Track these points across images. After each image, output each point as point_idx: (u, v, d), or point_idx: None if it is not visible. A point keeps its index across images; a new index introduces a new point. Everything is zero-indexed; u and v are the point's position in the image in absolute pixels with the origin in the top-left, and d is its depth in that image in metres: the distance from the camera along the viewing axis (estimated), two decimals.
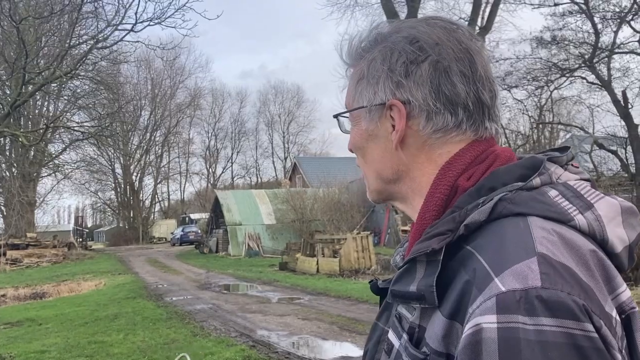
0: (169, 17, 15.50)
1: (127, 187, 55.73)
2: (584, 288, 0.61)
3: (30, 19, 14.32)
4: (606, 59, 18.29)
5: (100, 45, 17.61)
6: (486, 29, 18.36)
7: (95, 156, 43.87)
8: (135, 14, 19.52)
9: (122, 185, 56.06)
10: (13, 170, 32.19)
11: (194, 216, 50.30)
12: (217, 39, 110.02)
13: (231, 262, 24.29)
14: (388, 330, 0.81)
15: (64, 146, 33.09)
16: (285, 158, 65.03)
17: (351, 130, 0.90)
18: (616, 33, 17.78)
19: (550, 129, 27.25)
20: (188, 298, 13.24)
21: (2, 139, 29.72)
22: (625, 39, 18.77)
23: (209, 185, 62.95)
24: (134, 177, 56.02)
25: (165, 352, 7.51)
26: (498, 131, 0.84)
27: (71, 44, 16.91)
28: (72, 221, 64.49)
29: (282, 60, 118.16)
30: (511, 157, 0.81)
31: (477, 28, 17.66)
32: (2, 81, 20.89)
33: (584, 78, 19.19)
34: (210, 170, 65.65)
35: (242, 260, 24.70)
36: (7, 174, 32.10)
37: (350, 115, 0.90)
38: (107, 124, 22.21)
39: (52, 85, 21.94)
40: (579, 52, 18.43)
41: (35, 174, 34.60)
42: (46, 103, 35.22)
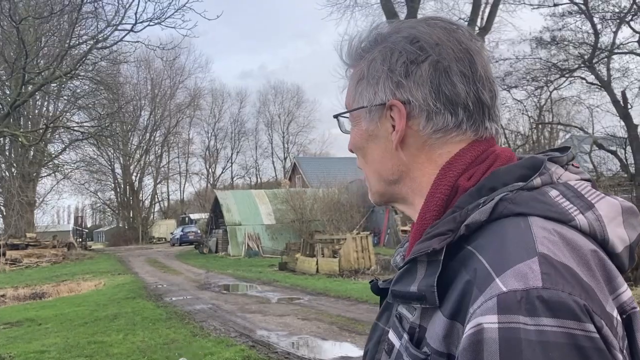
0: (168, 17, 15.50)
1: (127, 187, 55.75)
2: (585, 288, 0.61)
3: (30, 19, 14.32)
4: (606, 60, 18.30)
5: (100, 45, 17.61)
6: (486, 29, 18.37)
7: (95, 156, 43.90)
8: (135, 14, 19.49)
9: (122, 186, 56.10)
10: (13, 170, 32.18)
11: (193, 216, 50.29)
12: (217, 39, 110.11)
13: (231, 262, 24.28)
14: (388, 331, 0.80)
15: (63, 146, 33.12)
16: (285, 158, 65.10)
17: (351, 131, 0.90)
18: (615, 33, 17.81)
19: (549, 129, 27.26)
20: (188, 298, 13.23)
21: (1, 139, 29.71)
22: (624, 39, 18.78)
23: (209, 185, 62.99)
24: (133, 177, 56.08)
25: (164, 352, 7.51)
26: (498, 131, 0.84)
27: (71, 44, 16.90)
28: (72, 221, 64.53)
29: (282, 60, 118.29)
30: (511, 157, 0.81)
31: (476, 28, 17.66)
32: (2, 81, 20.89)
33: (583, 78, 19.21)
34: (210, 170, 65.76)
35: (241, 261, 24.70)
36: (7, 174, 32.08)
37: (350, 115, 0.90)
38: (106, 124, 22.21)
39: (52, 85, 21.93)
40: (579, 53, 18.44)
41: (34, 174, 34.59)
42: (46, 103, 35.24)
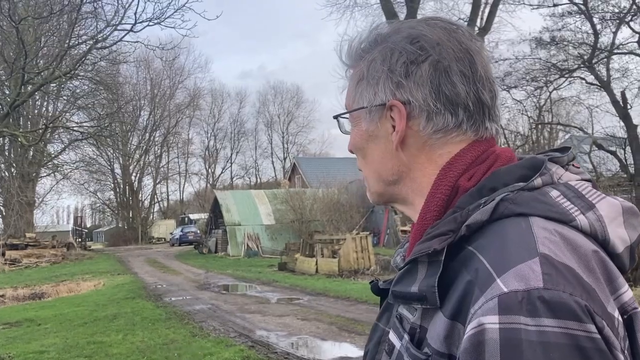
0: (168, 17, 15.54)
1: (126, 187, 55.73)
2: (586, 289, 0.61)
3: (30, 19, 14.32)
4: (605, 60, 18.31)
5: (99, 45, 17.62)
6: (485, 29, 18.39)
7: (95, 156, 43.95)
8: (135, 14, 19.51)
9: (121, 186, 56.08)
10: (12, 170, 32.19)
11: (193, 216, 50.26)
12: (217, 39, 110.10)
13: (230, 262, 24.27)
14: (389, 331, 0.80)
15: (63, 146, 33.13)
16: (285, 158, 65.09)
17: (351, 131, 0.90)
18: (615, 34, 17.83)
19: (549, 129, 27.28)
20: (187, 298, 13.22)
21: (1, 139, 29.69)
22: (624, 39, 18.80)
23: (208, 185, 62.98)
24: (133, 178, 56.06)
25: (164, 353, 7.50)
26: (498, 131, 0.84)
27: (70, 44, 16.90)
28: (71, 221, 64.46)
29: (282, 60, 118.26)
30: (512, 157, 0.80)
31: (476, 29, 17.67)
32: (1, 81, 20.87)
33: (583, 79, 19.22)
34: (210, 170, 65.76)
35: (241, 261, 24.69)
36: (6, 174, 32.09)
37: (350, 116, 0.90)
38: (106, 124, 22.21)
39: (52, 85, 21.93)
40: (578, 53, 18.45)
41: (34, 174, 34.59)
42: (45, 103, 35.25)
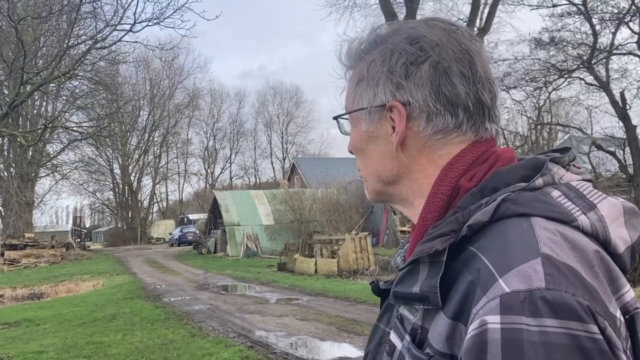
0: (167, 17, 15.49)
1: (126, 187, 55.70)
2: (588, 289, 0.61)
3: (29, 19, 14.30)
4: (604, 60, 18.32)
5: (98, 45, 17.59)
6: (485, 30, 18.40)
7: (94, 156, 44.05)
8: (134, 14, 19.51)
9: (121, 186, 56.05)
10: (11, 171, 32.17)
11: (192, 217, 50.23)
12: (217, 39, 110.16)
13: (229, 262, 24.26)
14: (389, 332, 0.80)
15: (62, 146, 33.15)
16: (284, 159, 65.09)
17: (351, 132, 0.90)
18: (614, 34, 17.84)
19: (548, 130, 27.30)
20: (186, 299, 13.22)
21: (0, 139, 29.68)
22: (623, 40, 18.83)
23: (208, 185, 62.94)
24: (132, 178, 56.03)
25: (163, 353, 7.50)
26: (498, 132, 0.84)
27: (70, 44, 16.88)
28: (70, 221, 64.44)
29: (281, 60, 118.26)
30: (512, 157, 0.80)
31: (475, 29, 17.68)
32: (0, 81, 20.86)
33: (582, 79, 19.23)
34: (209, 170, 65.75)
35: (240, 261, 24.68)
36: (6, 174, 32.07)
37: (350, 117, 0.90)
38: (105, 124, 22.19)
39: (51, 85, 21.91)
40: (578, 53, 18.46)
41: (33, 174, 34.57)
42: (44, 103, 35.23)
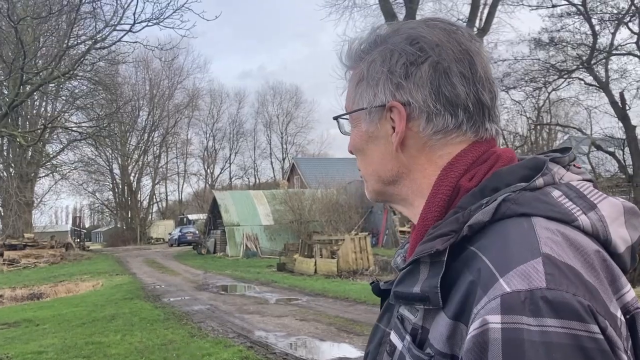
0: (167, 17, 15.47)
1: (125, 187, 55.70)
2: (589, 289, 0.61)
3: (29, 19, 14.29)
4: (604, 61, 18.32)
5: (98, 45, 17.57)
6: (484, 30, 18.41)
7: (93, 157, 44.05)
8: (134, 14, 19.46)
9: (120, 186, 56.05)
10: (11, 171, 32.15)
11: (191, 217, 50.26)
12: (217, 39, 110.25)
13: (229, 262, 24.26)
14: (390, 332, 0.80)
15: (61, 146, 33.14)
16: (284, 159, 65.12)
17: (351, 132, 0.90)
18: (614, 34, 17.84)
19: (548, 130, 27.31)
20: (186, 299, 13.21)
21: (0, 139, 29.67)
22: (623, 40, 18.85)
23: (207, 186, 62.96)
24: (131, 178, 56.02)
25: (162, 353, 7.50)
26: (498, 132, 0.84)
27: (69, 44, 16.88)
28: (70, 222, 64.29)
29: (281, 61, 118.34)
30: (513, 158, 0.81)
31: (475, 29, 17.68)
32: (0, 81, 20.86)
33: (581, 79, 19.23)
34: (208, 171, 65.79)
35: (240, 261, 24.68)
36: (5, 174, 32.06)
37: (350, 117, 0.90)
38: (105, 125, 22.18)
39: (50, 85, 21.91)
40: (577, 54, 18.47)
41: (32, 175, 34.56)
42: (44, 103, 35.22)
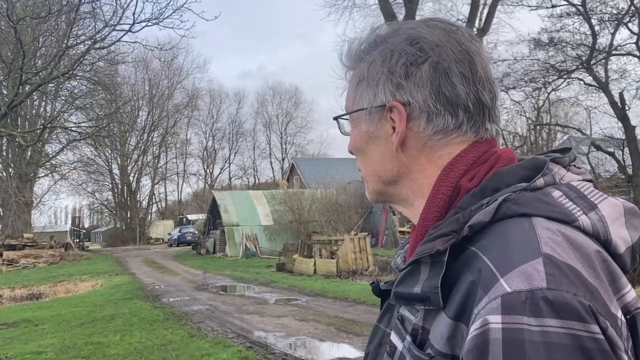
0: (166, 17, 15.53)
1: (125, 187, 55.67)
2: (590, 289, 0.61)
3: (28, 19, 14.30)
4: (603, 61, 18.33)
5: (97, 45, 17.59)
6: (484, 30, 18.42)
7: (93, 157, 43.99)
8: (133, 14, 19.45)
9: (120, 186, 56.02)
10: (10, 171, 32.15)
11: (191, 217, 50.27)
12: (216, 39, 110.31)
13: (228, 263, 24.25)
14: (390, 333, 0.80)
15: (61, 147, 33.14)
16: (283, 159, 65.13)
17: (351, 132, 0.90)
18: (613, 35, 17.85)
19: (547, 130, 27.34)
20: (185, 299, 13.21)
21: None
22: (622, 40, 18.87)
23: (207, 186, 62.97)
24: (131, 178, 56.00)
25: (162, 354, 7.49)
26: (499, 132, 0.84)
27: (69, 44, 16.89)
28: (69, 222, 64.19)
29: (280, 61, 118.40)
30: (513, 158, 0.80)
31: (474, 30, 17.69)
32: None
33: (581, 80, 19.24)
34: (208, 171, 65.80)
35: (239, 261, 24.67)
36: (4, 174, 32.04)
37: (350, 117, 0.89)
38: (104, 125, 22.20)
39: (50, 85, 21.91)
40: (577, 54, 18.48)
41: (32, 175, 34.54)
42: (43, 103, 35.21)
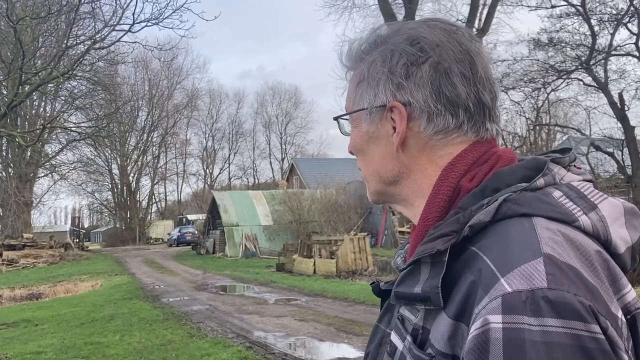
0: (166, 17, 15.54)
1: (124, 187, 55.66)
2: (590, 289, 0.61)
3: (28, 19, 14.30)
4: (603, 61, 18.32)
5: (97, 45, 17.59)
6: (483, 30, 18.40)
7: (92, 157, 44.00)
8: (133, 14, 19.50)
9: (119, 186, 56.02)
10: (10, 171, 32.14)
11: (191, 217, 50.26)
12: (216, 39, 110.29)
13: (228, 263, 24.25)
14: (390, 333, 0.80)
15: (60, 147, 33.15)
16: (283, 159, 65.09)
17: (352, 133, 0.89)
18: (613, 35, 17.84)
19: (547, 130, 27.33)
20: (185, 299, 13.20)
21: None
22: (622, 41, 18.83)
23: (206, 186, 62.96)
24: (131, 178, 56.00)
25: (161, 354, 7.49)
26: (499, 132, 0.84)
27: (68, 44, 16.88)
28: (69, 222, 64.32)
29: (280, 61, 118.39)
30: (513, 158, 0.81)
31: (474, 30, 17.69)
32: None
33: (580, 80, 19.22)
34: (208, 171, 65.79)
35: (239, 261, 24.66)
36: (4, 174, 32.04)
37: (350, 117, 0.89)
38: (104, 125, 22.19)
39: (49, 85, 21.91)
40: (576, 54, 18.47)
41: (31, 175, 34.53)
42: (43, 103, 35.20)
